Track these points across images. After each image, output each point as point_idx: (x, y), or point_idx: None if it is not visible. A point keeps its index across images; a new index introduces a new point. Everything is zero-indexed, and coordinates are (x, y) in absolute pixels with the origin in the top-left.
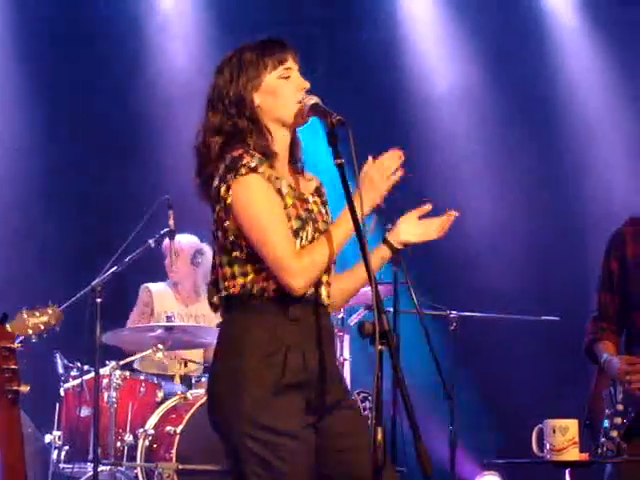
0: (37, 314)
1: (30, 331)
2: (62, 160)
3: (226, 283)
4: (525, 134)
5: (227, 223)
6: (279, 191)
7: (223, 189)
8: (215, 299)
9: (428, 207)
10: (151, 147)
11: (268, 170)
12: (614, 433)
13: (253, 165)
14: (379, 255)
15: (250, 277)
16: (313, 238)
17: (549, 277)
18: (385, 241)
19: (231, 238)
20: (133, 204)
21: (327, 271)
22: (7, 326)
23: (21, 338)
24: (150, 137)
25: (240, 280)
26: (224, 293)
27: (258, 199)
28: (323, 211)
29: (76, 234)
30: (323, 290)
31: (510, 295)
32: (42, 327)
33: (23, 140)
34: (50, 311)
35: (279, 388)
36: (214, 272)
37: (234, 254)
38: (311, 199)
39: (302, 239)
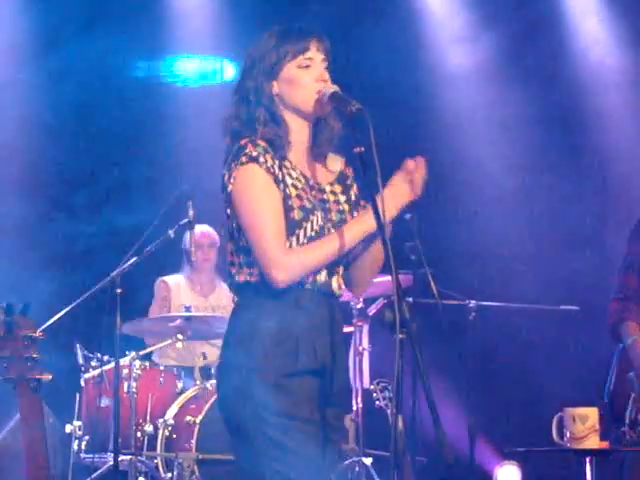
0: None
1: None
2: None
3: (233, 270)
4: (546, 114)
5: (229, 211)
6: (282, 181)
7: (226, 177)
8: (228, 284)
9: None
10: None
11: (270, 160)
12: None
13: (254, 155)
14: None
15: (257, 268)
16: (322, 228)
17: (568, 266)
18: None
19: (234, 225)
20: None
21: (337, 262)
22: None
23: None
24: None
25: (246, 269)
26: (235, 280)
27: (253, 188)
28: (342, 199)
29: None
30: (334, 282)
31: (529, 284)
32: None
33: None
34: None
35: (290, 375)
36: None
37: (240, 243)
38: (328, 188)
39: (306, 229)
